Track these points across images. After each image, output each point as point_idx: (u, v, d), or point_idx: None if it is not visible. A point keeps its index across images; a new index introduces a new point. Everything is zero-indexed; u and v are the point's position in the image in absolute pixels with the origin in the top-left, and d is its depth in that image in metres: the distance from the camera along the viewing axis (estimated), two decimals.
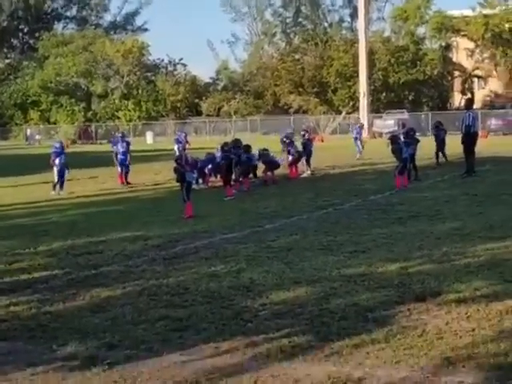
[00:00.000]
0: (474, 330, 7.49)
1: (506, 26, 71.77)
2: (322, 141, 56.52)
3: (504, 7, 73.13)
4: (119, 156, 25.45)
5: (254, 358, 7.03)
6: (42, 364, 7.05)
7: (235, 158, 21.43)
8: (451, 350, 6.93)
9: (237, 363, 6.93)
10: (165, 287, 9.80)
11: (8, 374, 6.88)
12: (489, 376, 6.26)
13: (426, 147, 27.00)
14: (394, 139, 21.96)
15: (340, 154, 35.04)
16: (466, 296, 8.68)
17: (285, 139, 26.50)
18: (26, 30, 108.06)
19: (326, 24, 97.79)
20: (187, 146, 31.78)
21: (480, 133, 54.34)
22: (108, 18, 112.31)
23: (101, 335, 7.83)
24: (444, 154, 28.06)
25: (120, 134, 27.53)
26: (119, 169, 25.35)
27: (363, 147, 34.63)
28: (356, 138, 35.14)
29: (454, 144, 26.53)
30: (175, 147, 31.57)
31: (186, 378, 6.60)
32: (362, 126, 41.05)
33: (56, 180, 23.23)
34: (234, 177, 21.79)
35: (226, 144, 22.61)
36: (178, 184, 17.59)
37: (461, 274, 9.78)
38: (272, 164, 24.27)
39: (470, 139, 23.63)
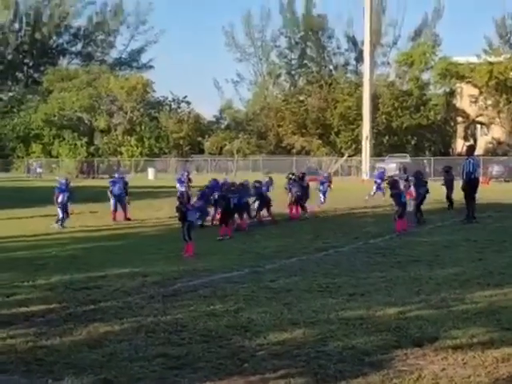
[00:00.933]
0: (469, 376, 7.54)
1: (511, 73, 72.38)
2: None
3: (509, 55, 73.85)
4: (114, 192, 25.84)
5: None
6: None
7: (234, 199, 21.40)
8: None
9: None
10: (163, 324, 9.84)
11: None
12: None
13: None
14: (393, 184, 22.07)
15: (342, 196, 35.12)
16: (463, 342, 8.73)
17: (291, 176, 26.68)
18: (30, 64, 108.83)
19: (331, 67, 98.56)
20: (190, 184, 31.84)
21: (481, 179, 54.68)
22: (113, 54, 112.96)
23: (97, 371, 7.87)
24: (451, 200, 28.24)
25: (119, 175, 27.83)
26: (113, 205, 25.71)
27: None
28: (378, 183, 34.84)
29: (455, 190, 26.68)
30: (177, 185, 31.70)
31: None
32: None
33: (60, 215, 23.33)
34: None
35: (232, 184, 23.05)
36: (179, 222, 17.66)
37: (458, 320, 9.84)
38: (263, 199, 24.22)
39: (470, 186, 23.77)
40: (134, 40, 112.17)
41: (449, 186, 28.48)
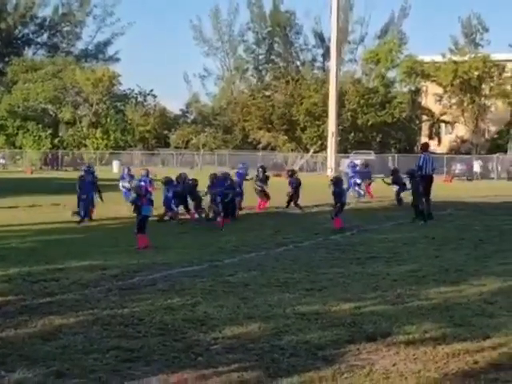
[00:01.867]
0: (419, 371, 7.64)
1: (475, 73, 73.07)
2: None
3: (473, 55, 74.52)
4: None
5: None
6: None
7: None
8: None
9: None
10: (119, 317, 9.84)
11: None
12: None
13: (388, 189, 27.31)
14: (336, 182, 21.92)
15: (306, 192, 35.19)
16: (416, 338, 8.84)
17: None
18: None
19: (298, 62, 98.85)
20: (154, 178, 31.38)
21: (444, 177, 55.20)
22: (80, 45, 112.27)
23: (50, 363, 7.85)
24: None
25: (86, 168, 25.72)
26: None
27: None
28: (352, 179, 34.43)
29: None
30: (120, 183, 30.49)
31: None
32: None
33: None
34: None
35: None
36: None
37: (412, 315, 9.96)
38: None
39: (423, 182, 23.44)
40: (100, 32, 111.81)
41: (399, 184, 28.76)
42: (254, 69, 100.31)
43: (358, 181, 32.50)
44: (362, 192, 32.42)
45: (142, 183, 20.58)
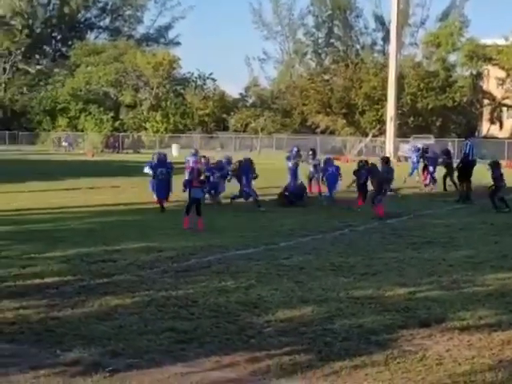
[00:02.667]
0: (473, 357, 7.55)
1: None
2: (348, 162, 56.41)
3: None
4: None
5: (253, 373, 7.14)
6: (45, 368, 7.17)
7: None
8: (449, 376, 7.00)
9: (236, 377, 7.04)
10: (173, 299, 9.92)
11: (10, 375, 7.02)
12: None
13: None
14: (495, 166, 22.26)
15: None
16: (470, 324, 8.74)
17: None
18: (58, 38, 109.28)
19: (357, 46, 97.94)
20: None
21: (506, 162, 54.30)
22: (141, 29, 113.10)
23: (105, 342, 7.96)
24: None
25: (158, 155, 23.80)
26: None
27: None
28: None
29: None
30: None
31: None
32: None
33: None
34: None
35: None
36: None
37: (467, 301, 9.84)
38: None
39: (466, 167, 24.31)
40: (161, 16, 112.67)
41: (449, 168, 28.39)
42: (313, 52, 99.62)
43: (431, 168, 31.31)
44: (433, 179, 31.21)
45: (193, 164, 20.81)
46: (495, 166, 22.20)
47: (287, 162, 27.06)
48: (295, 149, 28.89)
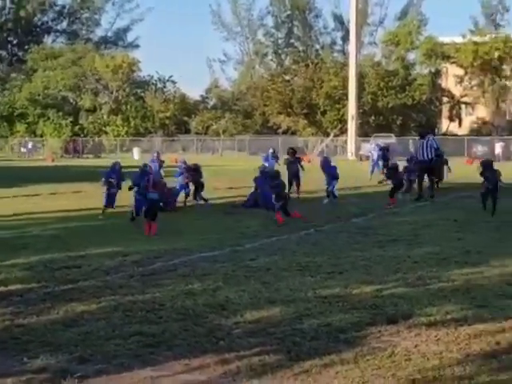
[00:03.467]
0: (441, 352, 7.64)
1: (496, 53, 72.51)
2: (309, 162, 56.67)
3: (494, 35, 73.90)
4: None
5: (223, 375, 7.14)
6: (12, 376, 7.09)
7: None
8: (418, 371, 7.07)
9: (206, 380, 7.04)
10: (140, 303, 9.88)
11: None
12: None
13: None
14: (486, 166, 21.33)
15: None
16: (437, 319, 8.83)
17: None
18: (15, 42, 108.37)
19: (317, 46, 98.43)
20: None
21: (465, 159, 54.97)
22: (99, 32, 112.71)
23: (73, 349, 7.90)
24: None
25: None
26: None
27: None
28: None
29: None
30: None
31: None
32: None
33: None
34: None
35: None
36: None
37: (434, 297, 9.94)
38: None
39: (422, 166, 24.82)
40: (119, 18, 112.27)
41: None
42: (273, 53, 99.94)
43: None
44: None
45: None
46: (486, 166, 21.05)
47: (265, 163, 27.16)
48: (271, 150, 29.11)
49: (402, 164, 25.64)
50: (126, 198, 20.91)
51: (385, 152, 34.73)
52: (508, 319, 8.84)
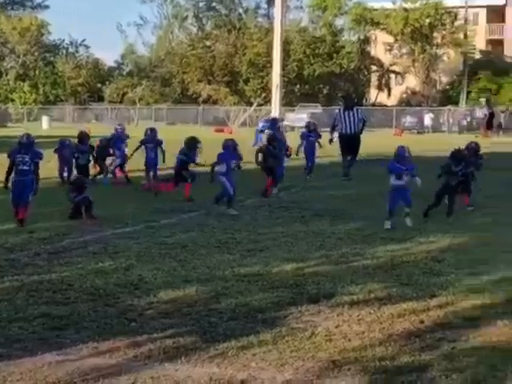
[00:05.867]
0: (363, 332, 7.76)
1: (427, 21, 73.40)
2: (231, 133, 56.69)
3: (425, 1, 74.75)
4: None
5: (134, 359, 7.12)
6: None
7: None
8: (339, 352, 7.17)
9: (116, 364, 7.01)
10: (46, 283, 9.77)
11: None
12: (373, 379, 6.52)
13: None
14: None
15: (249, 148, 35.12)
16: (360, 298, 8.97)
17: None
18: None
19: (240, 10, 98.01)
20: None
21: (394, 131, 55.71)
22: None
23: None
24: None
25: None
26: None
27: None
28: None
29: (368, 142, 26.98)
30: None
31: (59, 378, 6.64)
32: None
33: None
34: None
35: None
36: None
37: (357, 275, 10.09)
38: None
39: (343, 140, 24.24)
40: None
41: None
42: (193, 17, 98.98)
43: None
44: None
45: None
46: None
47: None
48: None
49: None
50: None
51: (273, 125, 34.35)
52: (433, 297, 9.04)
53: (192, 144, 19.38)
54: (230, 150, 16.75)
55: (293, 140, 30.38)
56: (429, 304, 8.77)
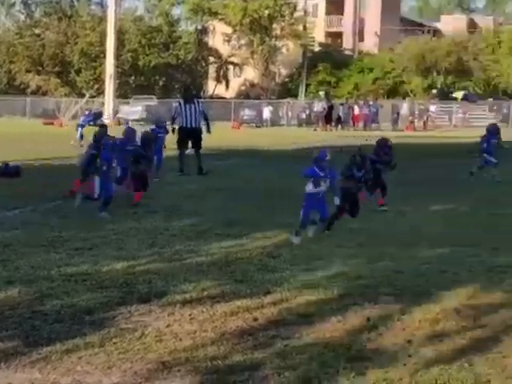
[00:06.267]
0: (195, 332, 7.78)
1: (266, 12, 74.40)
2: (61, 126, 55.88)
3: None
4: None
5: None
6: None
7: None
8: (169, 353, 7.16)
9: None
10: None
11: None
12: (204, 380, 6.54)
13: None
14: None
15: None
16: (193, 297, 8.99)
17: None
18: None
19: None
20: None
21: (232, 124, 56.25)
22: None
23: None
24: None
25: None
26: None
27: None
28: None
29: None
30: None
31: None
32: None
33: None
34: None
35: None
36: None
37: (190, 273, 10.11)
38: None
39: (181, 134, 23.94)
40: None
41: None
42: (21, 3, 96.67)
43: None
44: None
45: None
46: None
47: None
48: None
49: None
50: None
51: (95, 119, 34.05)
52: (267, 294, 9.16)
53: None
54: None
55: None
56: (263, 301, 8.87)
